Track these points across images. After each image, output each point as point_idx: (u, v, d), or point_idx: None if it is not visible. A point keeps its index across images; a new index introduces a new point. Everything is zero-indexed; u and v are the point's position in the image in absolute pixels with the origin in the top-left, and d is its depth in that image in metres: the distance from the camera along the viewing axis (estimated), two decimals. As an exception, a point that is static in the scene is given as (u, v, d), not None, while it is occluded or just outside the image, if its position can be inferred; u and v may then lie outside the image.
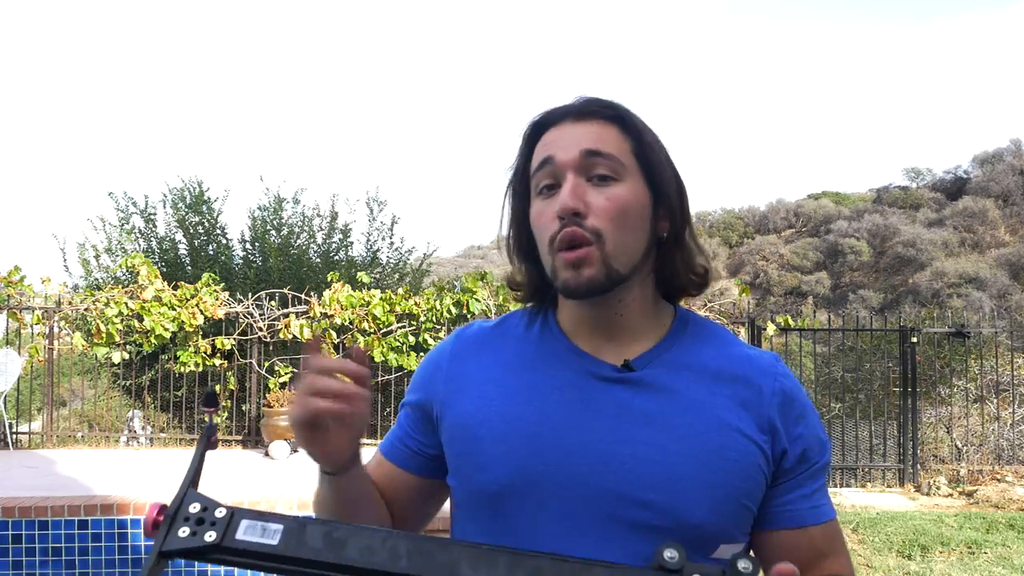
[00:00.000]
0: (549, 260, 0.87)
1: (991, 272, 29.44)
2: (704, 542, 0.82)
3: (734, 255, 42.56)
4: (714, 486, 0.82)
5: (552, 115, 0.90)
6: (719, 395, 0.86)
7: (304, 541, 0.66)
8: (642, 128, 0.89)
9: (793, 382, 0.90)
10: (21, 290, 7.30)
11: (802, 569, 0.82)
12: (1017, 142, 37.63)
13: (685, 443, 0.83)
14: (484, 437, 0.87)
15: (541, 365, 0.90)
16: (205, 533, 0.66)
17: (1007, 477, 6.90)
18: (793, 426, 0.87)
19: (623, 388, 0.87)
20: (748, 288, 7.64)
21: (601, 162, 0.85)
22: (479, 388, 0.91)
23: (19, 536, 3.94)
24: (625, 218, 0.85)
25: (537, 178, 0.89)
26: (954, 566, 4.51)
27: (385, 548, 0.65)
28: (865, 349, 8.18)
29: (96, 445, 7.29)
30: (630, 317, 0.90)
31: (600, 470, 0.82)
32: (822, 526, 0.88)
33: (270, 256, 9.33)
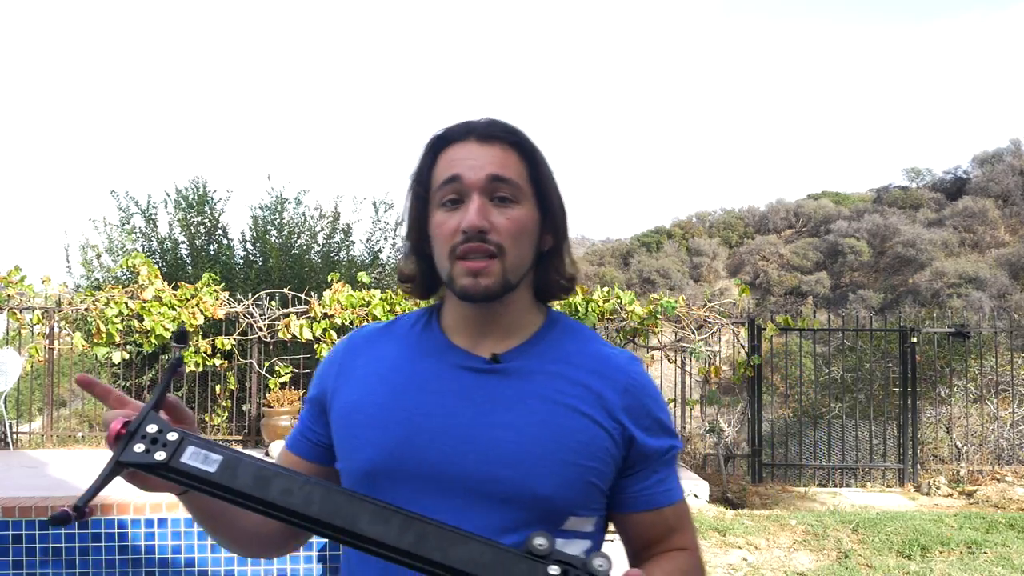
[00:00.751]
0: (447, 266, 0.97)
1: (991, 272, 29.44)
2: (554, 514, 0.94)
3: (734, 255, 42.56)
4: (564, 464, 0.93)
5: (457, 131, 1.01)
6: (576, 386, 0.98)
7: (236, 475, 0.76)
8: (537, 155, 1.02)
9: (645, 379, 1.03)
10: (21, 290, 7.30)
11: (656, 542, 1.02)
12: (1017, 142, 37.63)
13: (540, 428, 0.94)
14: (362, 422, 0.98)
15: (419, 359, 1.02)
16: (156, 452, 0.76)
17: (1007, 477, 6.91)
18: (643, 418, 0.99)
19: (489, 378, 0.98)
20: (748, 288, 7.64)
21: (503, 186, 0.97)
22: (363, 380, 1.02)
23: (19, 536, 3.94)
24: (521, 236, 0.97)
25: (443, 191, 0.98)
26: (954, 566, 4.51)
27: (302, 492, 0.75)
28: (865, 349, 8.18)
29: (96, 445, 7.30)
30: (508, 317, 1.01)
31: (462, 450, 0.93)
32: (673, 506, 1.02)
33: (271, 256, 9.33)
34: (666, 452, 1.01)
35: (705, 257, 41.88)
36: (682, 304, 7.28)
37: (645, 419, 1.00)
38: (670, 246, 44.55)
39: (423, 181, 1.01)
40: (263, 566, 3.98)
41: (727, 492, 6.36)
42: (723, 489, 6.39)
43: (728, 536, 5.04)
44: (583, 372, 1.00)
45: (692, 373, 7.40)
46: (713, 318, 7.32)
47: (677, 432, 1.06)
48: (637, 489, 1.00)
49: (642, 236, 48.19)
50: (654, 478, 1.01)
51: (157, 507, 3.99)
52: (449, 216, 0.97)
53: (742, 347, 7.17)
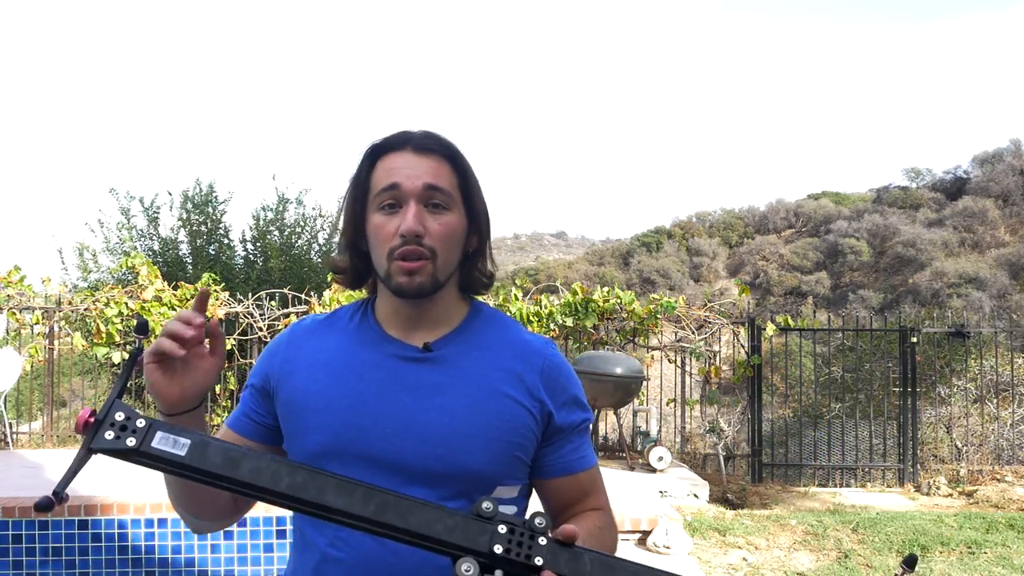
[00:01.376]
0: (385, 265, 1.07)
1: (991, 272, 29.43)
2: (483, 485, 1.05)
3: (734, 255, 42.56)
4: (491, 441, 1.05)
5: (395, 141, 1.11)
6: (499, 369, 1.09)
7: (207, 457, 0.80)
8: (467, 167, 1.12)
9: (560, 359, 1.15)
10: (21, 290, 7.30)
11: (573, 503, 1.14)
12: (1017, 142, 37.62)
13: (469, 409, 1.06)
14: (309, 408, 1.08)
15: (359, 349, 1.11)
16: (127, 438, 0.80)
17: (1007, 477, 6.90)
18: (559, 395, 1.12)
19: (422, 366, 1.09)
20: (748, 288, 7.64)
21: (437, 195, 1.07)
22: (308, 369, 1.11)
23: (19, 536, 3.94)
24: (451, 240, 1.08)
25: (381, 197, 1.07)
26: (954, 566, 4.51)
27: (270, 471, 0.81)
28: (865, 349, 8.17)
29: (96, 445, 7.29)
30: (436, 310, 1.12)
31: (400, 432, 1.04)
32: (588, 471, 1.15)
33: (271, 256, 9.33)
34: (579, 424, 1.14)
35: (705, 257, 41.88)
36: (682, 304, 7.28)
37: (561, 396, 1.12)
38: (670, 246, 44.54)
39: (361, 185, 1.11)
40: (263, 566, 3.99)
41: (727, 492, 6.36)
42: (723, 489, 6.39)
43: (728, 536, 5.04)
44: (505, 356, 1.11)
45: (692, 373, 7.40)
46: (713, 318, 7.31)
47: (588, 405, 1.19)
48: (555, 458, 1.13)
49: (642, 236, 48.19)
50: (569, 447, 1.13)
51: (157, 507, 3.99)
52: (388, 220, 1.07)
53: (742, 347, 7.17)
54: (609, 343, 7.30)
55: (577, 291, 7.31)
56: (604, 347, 7.16)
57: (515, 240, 74.12)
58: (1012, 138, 38.33)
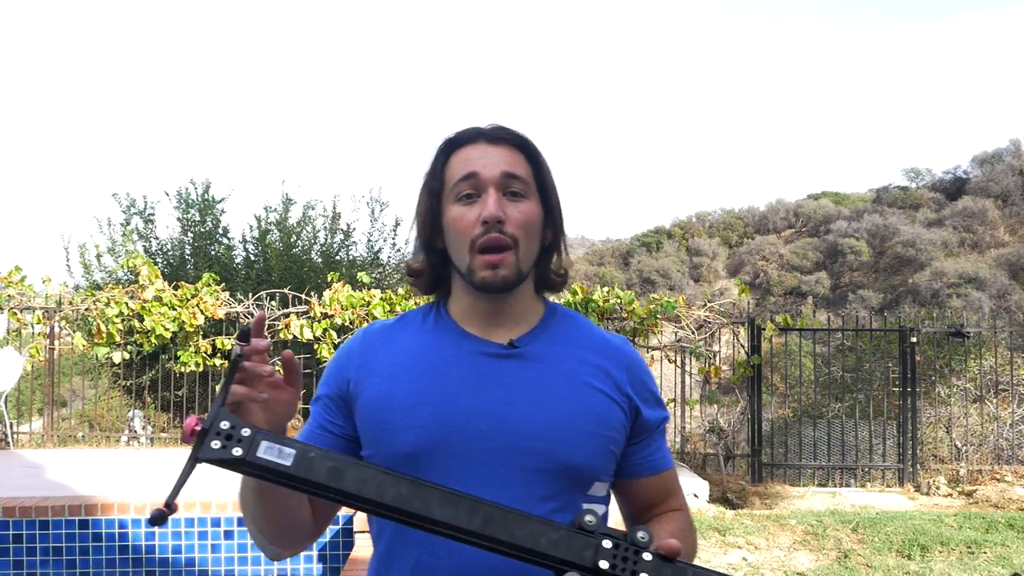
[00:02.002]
0: (466, 259, 1.05)
1: (990, 272, 29.43)
2: (582, 480, 1.04)
3: (734, 255, 42.56)
4: (589, 435, 1.03)
5: (468, 134, 1.10)
6: (586, 365, 1.08)
7: (312, 466, 0.79)
8: (540, 157, 1.11)
9: (638, 357, 1.14)
10: (22, 290, 7.30)
11: (656, 504, 1.14)
12: (1016, 142, 37.63)
13: (562, 403, 1.03)
14: (396, 409, 1.04)
15: (440, 348, 1.08)
16: (233, 448, 0.79)
17: (1007, 477, 6.91)
18: (643, 391, 1.11)
19: (510, 362, 1.06)
20: (748, 288, 7.64)
21: (515, 183, 1.06)
22: (388, 371, 1.07)
23: (19, 536, 3.95)
24: (531, 228, 1.07)
25: (459, 187, 1.06)
26: (954, 566, 4.51)
27: (374, 482, 0.80)
28: (865, 349, 8.17)
29: (96, 445, 7.30)
30: (515, 307, 1.10)
31: (496, 427, 1.01)
32: (670, 470, 1.15)
33: (271, 256, 9.33)
34: (661, 421, 1.14)
35: (705, 257, 41.88)
36: (682, 304, 7.28)
37: (645, 392, 1.12)
38: (670, 246, 44.55)
39: (437, 179, 1.09)
40: (263, 566, 3.99)
41: (727, 492, 6.36)
42: (723, 489, 6.40)
43: (728, 536, 5.04)
44: (590, 352, 1.10)
45: (692, 373, 7.40)
46: (713, 318, 7.32)
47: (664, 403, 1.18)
48: (642, 456, 1.12)
49: (642, 236, 48.19)
50: (653, 446, 1.13)
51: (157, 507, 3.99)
52: (467, 209, 1.05)
53: (742, 347, 7.17)
54: (609, 343, 7.28)
55: (577, 291, 7.31)
56: (604, 347, 7.15)
57: (515, 240, 74.02)
58: (1012, 138, 38.37)
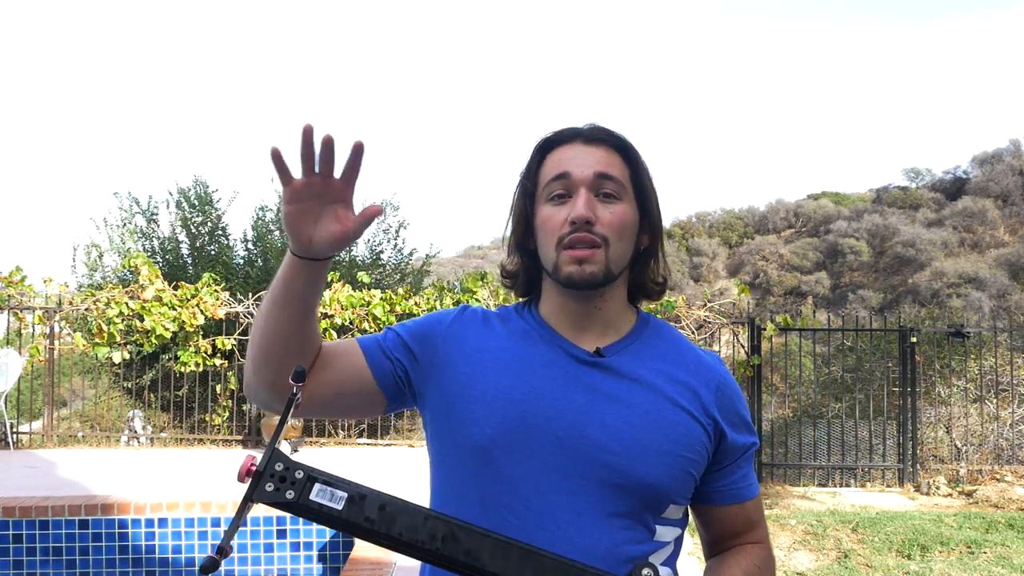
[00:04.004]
0: (553, 256, 1.02)
1: (990, 272, 29.43)
2: (657, 501, 1.00)
3: (734, 255, 42.54)
4: (666, 455, 0.99)
5: (564, 134, 1.08)
6: (672, 383, 1.04)
7: (362, 511, 0.81)
8: (638, 158, 1.08)
9: (731, 379, 1.10)
10: (22, 290, 7.30)
11: (737, 534, 1.09)
12: (1016, 142, 37.62)
13: (644, 419, 1.00)
14: (477, 398, 1.02)
15: (528, 345, 1.06)
16: (287, 491, 0.80)
17: (1006, 477, 6.91)
18: (731, 415, 1.06)
19: (595, 370, 1.03)
20: (748, 288, 7.64)
21: (608, 184, 1.03)
22: (475, 355, 1.06)
23: (19, 536, 3.95)
24: (624, 231, 1.04)
25: (551, 187, 1.04)
26: (954, 566, 4.52)
27: (426, 528, 0.80)
28: (865, 349, 8.17)
29: (96, 445, 7.30)
30: (605, 312, 1.07)
31: (574, 435, 0.98)
32: (754, 500, 1.10)
33: (272, 256, 9.33)
34: (749, 448, 1.09)
35: (705, 257, 41.87)
36: (682, 304, 7.28)
37: (733, 416, 1.07)
38: (670, 246, 44.48)
39: (531, 178, 1.08)
40: (263, 566, 3.99)
41: (727, 492, 6.36)
42: (723, 489, 6.40)
43: (728, 536, 5.04)
44: (679, 369, 1.06)
45: (692, 373, 7.40)
46: (713, 318, 7.32)
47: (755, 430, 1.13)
48: (725, 483, 1.08)
49: (642, 236, 48.14)
50: (739, 473, 1.08)
51: (157, 507, 3.99)
52: (557, 210, 1.03)
53: (742, 347, 7.17)
54: (609, 343, 7.29)
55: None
56: (604, 347, 7.16)
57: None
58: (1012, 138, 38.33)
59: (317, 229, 0.96)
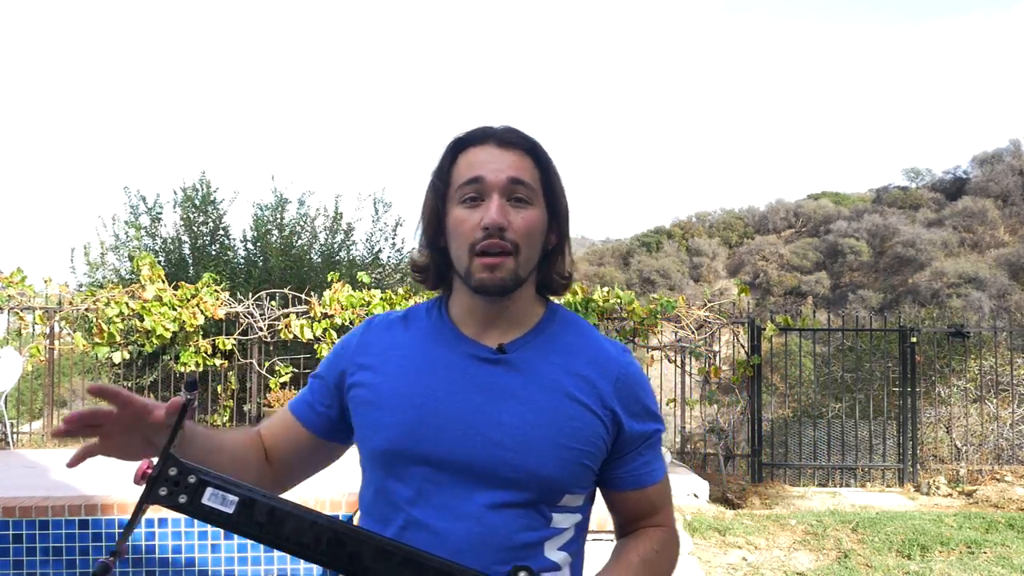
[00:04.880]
0: (465, 261, 1.05)
1: (990, 272, 29.42)
2: (552, 492, 1.04)
3: (734, 255, 42.54)
4: (561, 448, 1.03)
5: (477, 135, 1.10)
6: (571, 376, 1.07)
7: (252, 515, 0.84)
8: (548, 161, 1.11)
9: (635, 368, 1.13)
10: (22, 290, 7.31)
11: (641, 517, 1.14)
12: (1016, 142, 37.63)
13: (539, 415, 1.04)
14: (382, 405, 1.07)
15: (431, 347, 1.10)
16: (179, 495, 0.85)
17: (1006, 477, 6.91)
18: (632, 405, 1.10)
19: (496, 368, 1.07)
20: (748, 288, 7.64)
21: (520, 189, 1.06)
22: (382, 365, 1.10)
23: (19, 536, 3.95)
24: (533, 236, 1.07)
25: (464, 190, 1.06)
26: (954, 566, 4.52)
27: (311, 532, 0.84)
28: (865, 349, 8.17)
29: (96, 445, 7.28)
30: (513, 309, 1.10)
31: (471, 434, 1.03)
32: (657, 484, 1.14)
33: (272, 256, 9.33)
34: (651, 436, 1.12)
35: (705, 257, 41.87)
36: (682, 304, 7.28)
37: (634, 406, 1.10)
38: (670, 246, 44.53)
39: (443, 179, 1.09)
40: (263, 566, 3.99)
41: (727, 492, 6.36)
42: (723, 489, 6.40)
43: (728, 536, 5.04)
44: (580, 362, 1.09)
45: (692, 373, 7.40)
46: (713, 318, 7.32)
47: (661, 416, 1.17)
48: (627, 470, 1.11)
49: (642, 236, 48.19)
50: (640, 460, 1.12)
51: (157, 507, 3.99)
52: (469, 213, 1.05)
53: (742, 347, 7.17)
54: (609, 343, 7.29)
55: (577, 291, 7.31)
56: (604, 347, 7.15)
57: (515, 240, 73.84)
58: (1012, 138, 38.36)
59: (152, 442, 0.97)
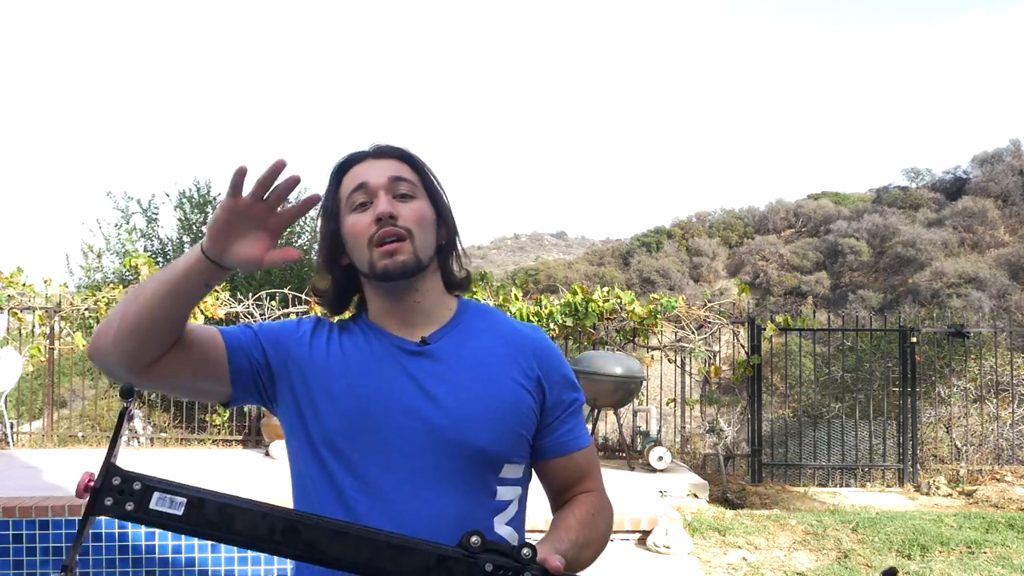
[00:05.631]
0: (367, 256, 1.13)
1: (991, 272, 29.41)
2: (491, 463, 1.12)
3: (734, 255, 42.52)
4: (495, 421, 1.11)
5: (355, 156, 1.21)
6: (494, 356, 1.17)
7: (203, 514, 0.84)
8: (423, 166, 1.22)
9: (549, 343, 1.23)
10: (22, 290, 7.31)
11: (571, 485, 1.20)
12: (1017, 142, 37.61)
13: (470, 393, 1.12)
14: (323, 395, 1.14)
15: (364, 344, 1.17)
16: (126, 503, 0.84)
17: (1007, 477, 6.91)
18: (551, 374, 1.19)
19: (423, 358, 1.15)
20: (748, 288, 7.64)
21: (403, 184, 1.16)
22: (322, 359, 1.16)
23: (19, 536, 3.95)
24: (424, 222, 1.16)
25: (353, 198, 1.16)
26: (954, 566, 4.51)
27: (265, 523, 0.85)
28: (865, 349, 8.17)
29: (96, 445, 7.30)
30: (425, 304, 1.18)
31: (410, 415, 1.10)
32: (582, 451, 1.21)
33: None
34: (571, 404, 1.21)
35: (705, 257, 41.85)
36: (682, 304, 7.28)
37: (554, 375, 1.19)
38: (670, 246, 44.51)
39: (332, 198, 1.19)
40: (263, 566, 3.99)
41: (727, 492, 6.36)
42: (723, 489, 6.40)
43: (728, 536, 5.04)
44: (498, 344, 1.18)
45: (692, 373, 7.40)
46: (713, 318, 7.32)
47: (579, 385, 1.24)
48: (552, 438, 1.19)
49: (642, 236, 48.16)
50: (563, 428, 1.20)
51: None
52: (362, 216, 1.15)
53: (742, 347, 7.17)
54: (609, 343, 7.30)
55: (577, 291, 7.32)
56: (604, 347, 7.17)
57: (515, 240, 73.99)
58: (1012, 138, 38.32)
59: (237, 245, 1.04)
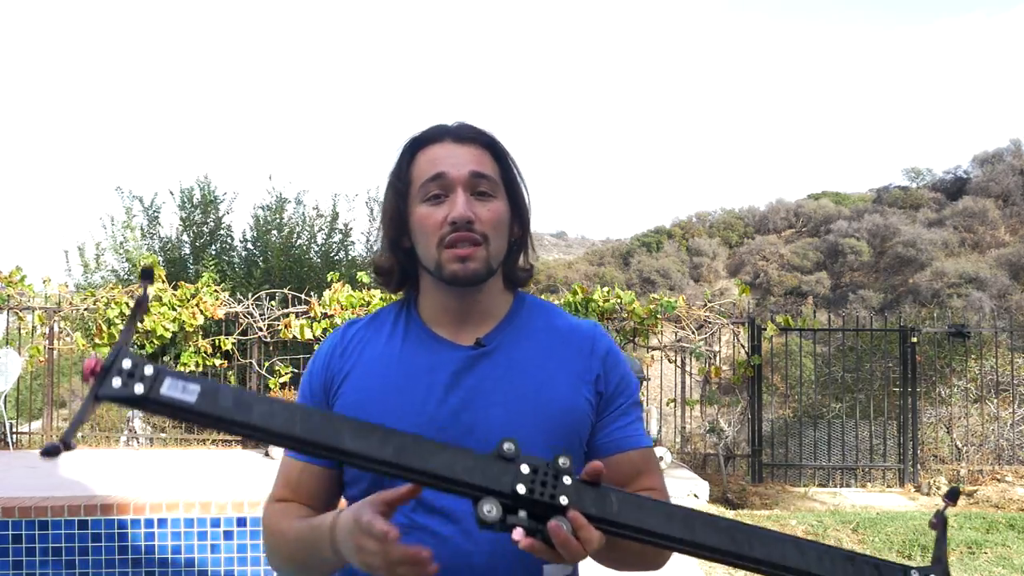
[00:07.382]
0: (434, 255, 1.06)
1: (991, 272, 29.41)
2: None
3: (734, 255, 42.52)
4: (550, 433, 1.06)
5: (433, 133, 1.11)
6: (551, 357, 1.11)
7: (217, 401, 0.77)
8: (506, 154, 1.13)
9: (609, 341, 1.16)
10: (22, 290, 7.30)
11: (627, 483, 1.10)
12: (1017, 142, 37.62)
13: (525, 402, 1.06)
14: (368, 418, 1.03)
15: (410, 357, 1.10)
16: (135, 385, 0.76)
17: (1007, 477, 6.90)
18: (611, 373, 1.13)
19: (477, 364, 1.08)
20: (748, 288, 7.64)
21: (483, 182, 1.07)
22: (364, 378, 1.09)
23: (19, 536, 3.94)
24: (500, 227, 1.08)
25: (427, 187, 1.07)
26: (954, 566, 4.51)
27: (284, 414, 0.78)
28: (865, 349, 8.17)
29: (96, 445, 7.30)
30: (484, 302, 1.12)
31: (463, 435, 1.02)
32: (640, 450, 1.14)
33: (271, 256, 9.33)
34: (628, 403, 1.15)
35: (705, 257, 41.85)
36: (682, 304, 7.28)
37: (613, 375, 1.13)
38: (670, 246, 44.52)
39: (402, 179, 1.10)
40: (263, 566, 3.98)
41: (727, 492, 6.36)
42: (723, 489, 6.39)
43: (728, 536, 5.04)
44: (555, 342, 1.12)
45: (692, 373, 7.40)
46: (713, 318, 7.31)
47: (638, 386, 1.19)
48: (606, 436, 1.13)
49: (642, 236, 48.17)
50: (615, 426, 1.13)
51: (157, 507, 3.99)
52: (435, 209, 1.06)
53: (742, 347, 7.17)
54: (609, 343, 7.29)
55: (577, 291, 7.31)
56: (604, 347, 7.16)
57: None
58: (1012, 138, 38.33)
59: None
